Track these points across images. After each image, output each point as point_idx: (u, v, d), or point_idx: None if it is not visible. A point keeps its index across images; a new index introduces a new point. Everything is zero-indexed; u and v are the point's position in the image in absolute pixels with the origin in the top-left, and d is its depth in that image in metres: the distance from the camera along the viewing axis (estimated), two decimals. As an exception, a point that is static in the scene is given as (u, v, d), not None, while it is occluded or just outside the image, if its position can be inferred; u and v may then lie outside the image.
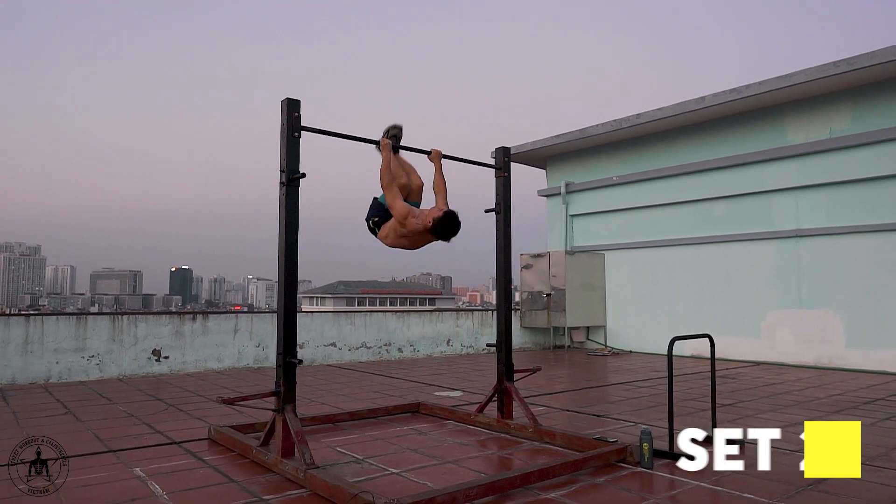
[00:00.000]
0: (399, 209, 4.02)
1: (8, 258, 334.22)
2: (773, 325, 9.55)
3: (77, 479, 3.33)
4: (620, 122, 11.01)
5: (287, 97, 3.63)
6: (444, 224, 3.99)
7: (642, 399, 6.09)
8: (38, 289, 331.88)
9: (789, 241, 9.49)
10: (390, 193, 4.06)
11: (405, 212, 4.03)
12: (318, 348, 9.39)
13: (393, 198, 4.05)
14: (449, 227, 4.00)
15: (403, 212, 4.02)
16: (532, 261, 12.08)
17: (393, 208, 4.05)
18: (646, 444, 3.57)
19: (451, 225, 4.00)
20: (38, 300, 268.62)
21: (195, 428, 4.65)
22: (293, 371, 3.58)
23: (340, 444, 4.16)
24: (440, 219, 3.97)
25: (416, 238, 4.14)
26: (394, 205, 4.05)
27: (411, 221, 4.05)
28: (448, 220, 3.99)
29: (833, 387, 6.96)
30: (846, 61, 8.26)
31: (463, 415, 4.90)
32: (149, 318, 8.08)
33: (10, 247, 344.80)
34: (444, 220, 3.98)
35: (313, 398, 6.09)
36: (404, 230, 4.08)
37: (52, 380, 7.28)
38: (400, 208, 4.03)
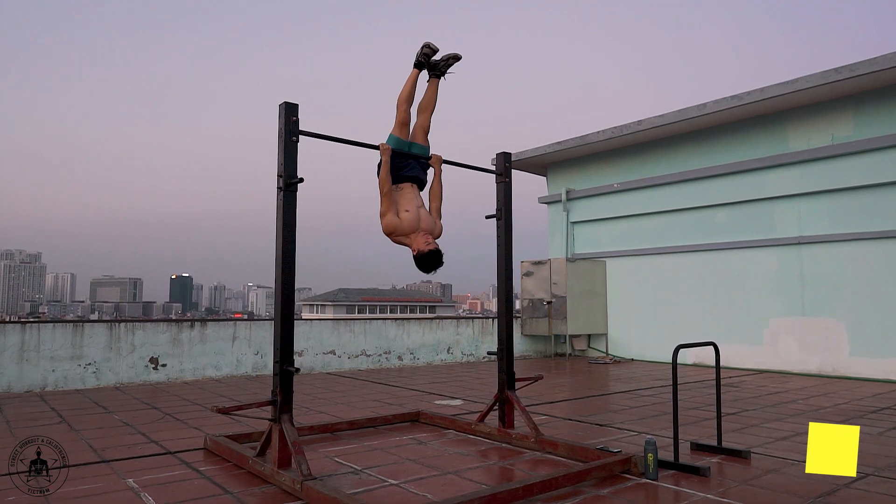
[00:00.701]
0: (386, 224, 4.11)
1: (8, 265, 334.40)
2: (776, 333, 9.47)
3: (69, 490, 3.26)
4: (621, 128, 10.97)
5: (285, 101, 3.58)
6: (429, 260, 4.09)
7: (645, 408, 6.01)
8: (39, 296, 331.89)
9: (791, 249, 9.42)
10: (384, 202, 4.08)
11: (391, 227, 4.12)
12: (318, 356, 9.31)
13: (386, 207, 4.10)
14: (431, 265, 4.10)
15: (390, 227, 4.11)
16: (533, 268, 12.01)
17: (382, 218, 4.12)
18: (650, 455, 3.49)
19: (433, 263, 4.10)
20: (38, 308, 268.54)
21: (191, 437, 4.57)
22: (290, 380, 3.50)
23: (339, 454, 4.08)
24: (426, 255, 4.08)
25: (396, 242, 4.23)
26: (383, 217, 4.12)
27: (395, 238, 4.17)
28: (432, 259, 4.09)
29: (838, 395, 6.88)
30: (848, 67, 8.22)
31: (463, 424, 4.83)
32: (146, 326, 8.01)
33: (10, 254, 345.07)
34: (430, 257, 4.09)
35: (312, 407, 6.02)
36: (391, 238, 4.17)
37: (48, 388, 7.20)
38: (387, 223, 4.11)
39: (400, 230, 4.10)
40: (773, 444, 4.39)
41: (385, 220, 4.08)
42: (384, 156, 4.12)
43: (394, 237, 4.14)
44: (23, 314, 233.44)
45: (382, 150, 4.15)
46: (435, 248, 4.07)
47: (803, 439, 4.55)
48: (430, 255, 4.04)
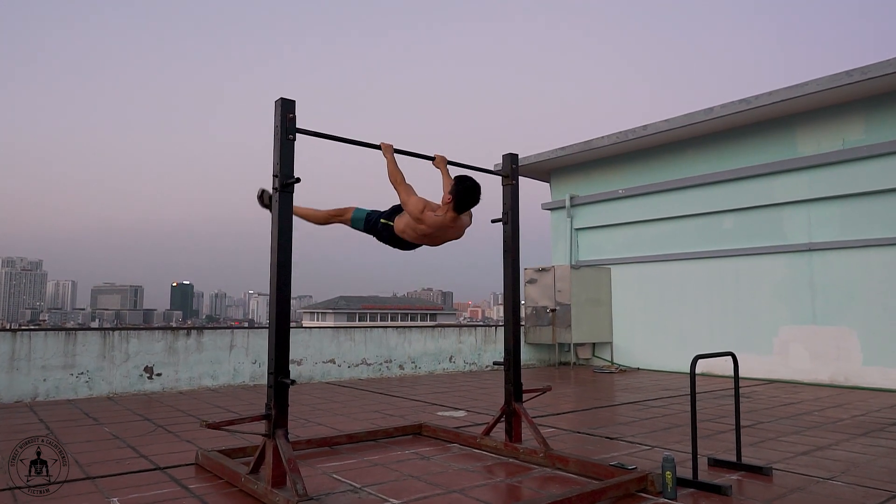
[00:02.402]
0: (414, 204, 3.81)
1: (10, 273, 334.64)
2: (785, 342, 9.25)
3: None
4: (627, 133, 10.79)
5: (281, 97, 3.39)
6: (463, 188, 3.82)
7: (656, 420, 5.79)
8: (40, 303, 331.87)
9: (801, 256, 9.22)
10: (403, 189, 3.86)
11: (421, 205, 3.82)
12: (317, 365, 9.09)
13: (407, 193, 3.85)
14: (470, 191, 3.83)
15: (420, 205, 3.81)
16: (536, 275, 11.80)
17: (407, 204, 3.83)
18: (668, 473, 3.28)
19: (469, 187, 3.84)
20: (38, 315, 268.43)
21: (183, 451, 4.36)
22: (285, 392, 3.30)
23: (337, 471, 3.87)
24: (455, 186, 3.81)
25: (438, 232, 3.93)
26: (408, 201, 3.83)
27: (429, 215, 3.84)
28: (464, 183, 3.83)
29: (854, 406, 6.66)
30: (859, 70, 8.04)
31: (468, 437, 4.61)
32: (141, 334, 7.80)
33: (11, 261, 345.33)
34: (460, 184, 3.81)
35: (310, 418, 5.80)
36: (423, 227, 3.87)
37: (38, 398, 6.99)
38: (416, 203, 3.81)
39: (431, 205, 3.85)
40: (793, 460, 4.17)
41: (413, 201, 3.79)
42: (388, 154, 3.93)
43: (427, 216, 3.82)
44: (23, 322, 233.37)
45: (384, 149, 3.96)
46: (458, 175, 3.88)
47: (825, 454, 4.34)
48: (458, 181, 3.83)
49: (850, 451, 4.44)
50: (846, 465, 4.03)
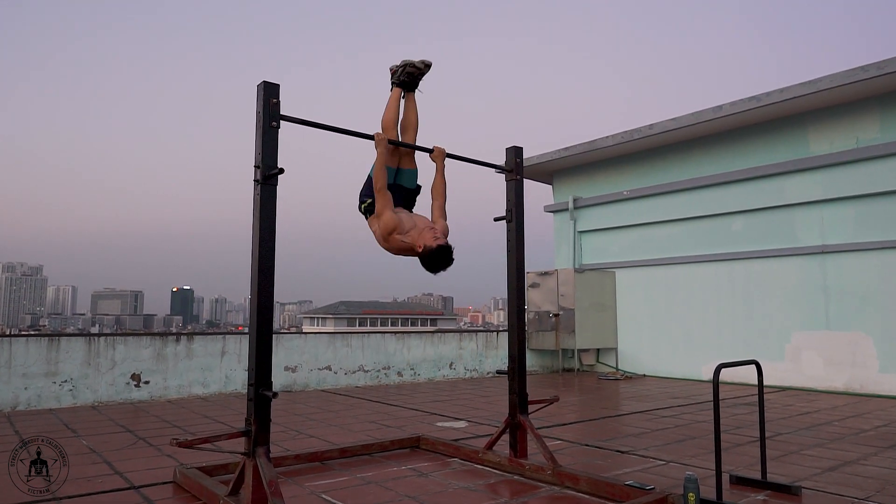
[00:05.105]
0: (384, 222, 3.56)
1: (10, 278, 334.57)
2: (798, 348, 8.92)
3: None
4: (632, 133, 10.49)
5: (264, 80, 3.09)
6: (437, 259, 3.54)
7: (668, 431, 5.46)
8: (40, 309, 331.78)
9: (814, 258, 8.90)
10: (381, 198, 3.57)
11: (391, 226, 3.56)
12: (312, 372, 8.77)
13: (383, 205, 3.57)
14: (440, 263, 3.57)
15: (389, 226, 3.56)
16: (539, 279, 11.48)
17: (380, 216, 3.57)
18: (692, 495, 2.97)
19: (443, 261, 3.56)
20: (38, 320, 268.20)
21: (162, 468, 4.04)
22: (267, 406, 2.98)
23: (326, 489, 3.55)
24: (433, 252, 3.51)
25: (399, 253, 3.68)
26: (382, 214, 3.57)
27: (396, 239, 3.59)
28: (441, 256, 3.54)
29: (874, 416, 6.33)
30: (875, 66, 7.74)
31: (470, 452, 4.29)
32: (128, 340, 7.48)
33: (11, 266, 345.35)
34: (437, 254, 3.53)
35: (302, 429, 5.48)
36: (386, 245, 3.65)
37: (19, 407, 6.67)
38: (387, 221, 3.56)
39: (402, 228, 3.57)
40: (821, 477, 3.86)
41: (384, 218, 3.54)
42: (380, 147, 3.63)
43: (394, 240, 3.58)
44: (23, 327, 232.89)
45: (377, 140, 3.66)
46: (445, 244, 3.53)
47: (855, 470, 4.02)
48: (439, 251, 3.50)
49: (881, 467, 4.12)
50: (880, 482, 3.72)
